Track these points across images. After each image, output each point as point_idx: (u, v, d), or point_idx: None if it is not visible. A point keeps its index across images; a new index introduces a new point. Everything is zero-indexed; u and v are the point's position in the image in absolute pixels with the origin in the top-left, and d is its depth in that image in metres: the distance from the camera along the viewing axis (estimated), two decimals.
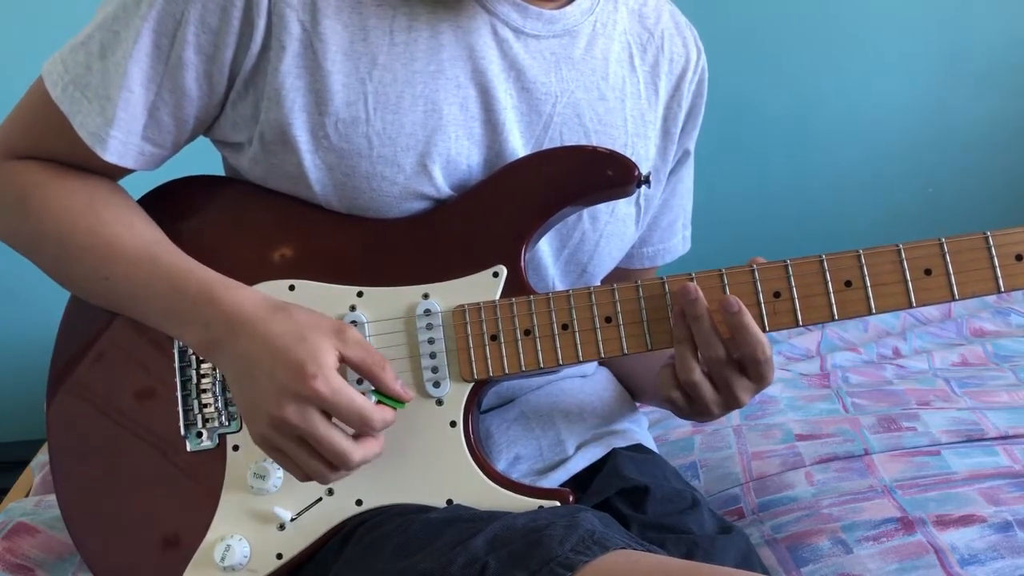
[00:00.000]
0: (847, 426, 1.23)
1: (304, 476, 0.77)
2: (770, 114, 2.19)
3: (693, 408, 0.83)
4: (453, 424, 0.83)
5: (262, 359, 0.75)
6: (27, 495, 1.31)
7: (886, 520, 1.00)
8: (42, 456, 1.42)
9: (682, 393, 0.82)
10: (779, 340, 1.60)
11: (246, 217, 0.88)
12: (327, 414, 0.74)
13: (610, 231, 0.93)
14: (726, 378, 0.80)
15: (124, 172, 0.87)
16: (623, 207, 0.94)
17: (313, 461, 0.75)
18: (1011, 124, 2.20)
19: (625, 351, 0.81)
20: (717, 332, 0.79)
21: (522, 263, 0.83)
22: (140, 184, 0.90)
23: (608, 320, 0.82)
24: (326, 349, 0.74)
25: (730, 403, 0.82)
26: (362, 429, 0.75)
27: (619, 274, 1.01)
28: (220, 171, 0.94)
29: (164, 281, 0.81)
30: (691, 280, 0.81)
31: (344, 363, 0.76)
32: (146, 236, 0.84)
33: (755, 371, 0.80)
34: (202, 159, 0.97)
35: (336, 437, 0.74)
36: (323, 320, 0.77)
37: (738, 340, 0.78)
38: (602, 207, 0.91)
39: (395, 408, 0.78)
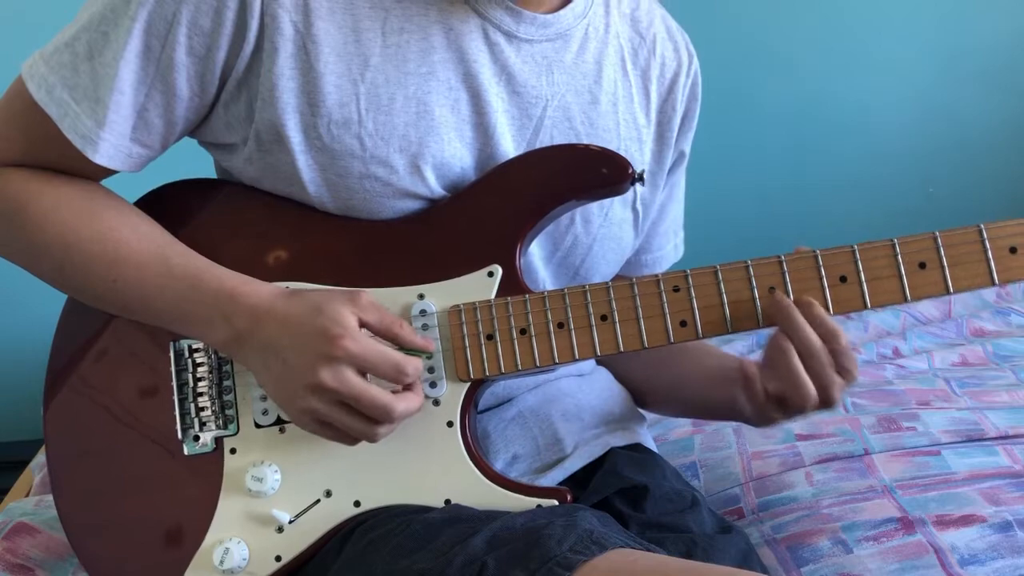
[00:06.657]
0: (847, 426, 1.23)
1: (352, 440, 0.78)
2: (769, 113, 2.19)
3: (787, 412, 0.85)
4: (450, 424, 0.83)
5: (287, 339, 0.76)
6: (27, 495, 1.31)
7: (886, 520, 1.00)
8: (42, 456, 1.42)
9: (779, 403, 0.83)
10: None
11: (240, 220, 0.88)
12: (361, 373, 0.75)
13: (603, 235, 0.93)
14: (827, 376, 0.80)
15: (109, 174, 0.87)
16: (618, 211, 0.93)
17: (358, 421, 0.76)
18: (1011, 124, 2.20)
19: (621, 349, 0.81)
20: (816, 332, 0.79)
21: (517, 262, 0.83)
22: (126, 186, 0.89)
23: (604, 318, 0.82)
24: (345, 313, 0.76)
25: (827, 403, 0.82)
26: (397, 378, 0.76)
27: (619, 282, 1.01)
28: (211, 173, 0.94)
29: (178, 281, 0.81)
30: (685, 277, 0.81)
31: (363, 327, 0.77)
32: (153, 237, 0.84)
33: (838, 364, 0.80)
34: (193, 161, 0.97)
35: (375, 391, 0.75)
36: (335, 292, 0.79)
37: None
38: (595, 210, 0.91)
39: (422, 358, 0.79)
